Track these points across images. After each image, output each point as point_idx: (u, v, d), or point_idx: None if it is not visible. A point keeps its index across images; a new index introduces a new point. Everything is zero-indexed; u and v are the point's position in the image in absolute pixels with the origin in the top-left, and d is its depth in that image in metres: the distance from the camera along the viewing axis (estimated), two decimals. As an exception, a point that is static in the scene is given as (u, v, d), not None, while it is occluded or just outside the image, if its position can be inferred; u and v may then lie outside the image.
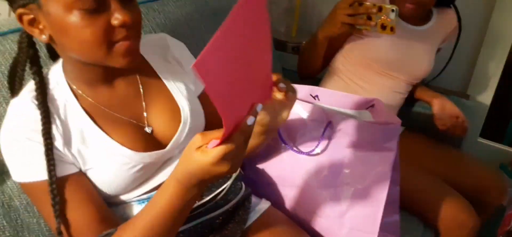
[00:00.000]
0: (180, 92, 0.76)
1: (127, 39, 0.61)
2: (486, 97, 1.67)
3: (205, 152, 0.50)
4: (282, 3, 1.91)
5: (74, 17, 0.56)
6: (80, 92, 0.67)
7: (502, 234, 1.37)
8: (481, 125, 1.73)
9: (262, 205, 0.86)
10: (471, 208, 1.04)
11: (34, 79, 0.64)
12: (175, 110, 0.75)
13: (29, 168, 0.62)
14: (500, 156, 1.71)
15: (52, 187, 0.60)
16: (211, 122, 0.81)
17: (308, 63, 1.21)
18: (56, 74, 0.67)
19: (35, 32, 0.61)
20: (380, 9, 0.97)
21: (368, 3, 0.97)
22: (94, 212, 0.65)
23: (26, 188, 0.65)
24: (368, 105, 0.92)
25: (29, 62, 0.66)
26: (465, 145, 1.47)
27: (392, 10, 0.97)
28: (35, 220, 0.76)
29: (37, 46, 0.67)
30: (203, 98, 0.82)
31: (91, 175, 0.66)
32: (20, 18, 0.60)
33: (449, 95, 1.30)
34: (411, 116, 1.32)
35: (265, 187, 0.94)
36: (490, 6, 1.55)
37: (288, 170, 0.89)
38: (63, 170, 0.63)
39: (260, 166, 0.93)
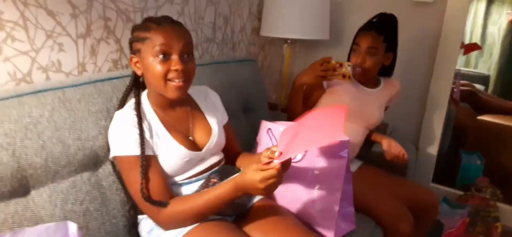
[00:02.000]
0: (212, 119, 1.23)
1: (178, 80, 1.06)
2: (433, 148, 2.14)
3: (257, 171, 0.94)
4: (274, 77, 2.47)
5: (154, 61, 1.04)
6: (155, 109, 1.13)
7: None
8: (432, 171, 2.17)
9: (260, 195, 1.28)
10: (408, 211, 1.44)
11: (134, 97, 1.10)
12: (208, 129, 1.20)
13: (129, 146, 1.04)
14: (451, 196, 2.12)
15: (142, 160, 1.03)
16: (227, 143, 1.27)
17: (292, 110, 1.67)
18: (144, 97, 1.14)
19: (136, 69, 1.09)
20: (341, 65, 1.47)
21: (333, 62, 1.47)
22: (164, 183, 1.06)
23: (121, 160, 1.05)
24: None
25: (135, 87, 1.13)
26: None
27: (349, 65, 1.46)
28: (115, 196, 1.17)
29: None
30: (225, 127, 1.29)
31: (160, 159, 1.09)
32: (131, 60, 1.09)
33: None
34: (369, 154, 1.76)
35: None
36: (429, 76, 2.08)
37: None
38: (148, 151, 1.05)
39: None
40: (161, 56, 1.02)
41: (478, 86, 2.94)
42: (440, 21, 1.99)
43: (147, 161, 1.04)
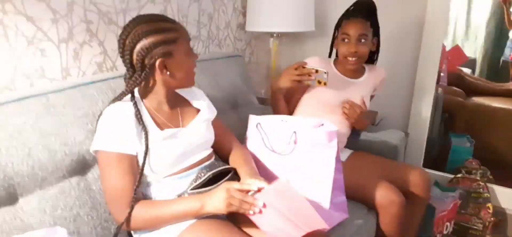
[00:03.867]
0: (202, 112, 1.23)
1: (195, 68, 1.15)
2: (423, 134, 2.16)
3: (227, 189, 0.99)
4: (262, 71, 2.47)
5: (187, 57, 1.09)
6: (148, 109, 1.12)
7: (438, 233, 1.77)
8: (422, 156, 2.19)
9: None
10: (399, 191, 1.45)
11: (130, 94, 1.09)
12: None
13: (120, 143, 1.03)
14: (442, 180, 2.15)
15: (144, 161, 1.04)
16: (220, 138, 1.28)
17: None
18: (137, 98, 1.12)
19: (161, 71, 1.07)
20: (316, 71, 1.46)
21: (308, 67, 1.46)
22: (133, 184, 1.04)
23: (107, 155, 1.03)
24: (319, 124, 1.38)
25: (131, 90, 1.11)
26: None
27: (324, 72, 1.45)
28: (104, 199, 1.16)
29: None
30: (214, 123, 1.29)
31: (151, 157, 1.08)
32: (158, 63, 1.06)
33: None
34: (358, 143, 1.77)
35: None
36: (415, 62, 2.09)
37: (269, 167, 1.33)
38: (132, 151, 1.05)
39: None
40: (191, 50, 1.13)
41: (465, 70, 2.96)
42: (424, 7, 2.00)
43: (131, 160, 1.05)
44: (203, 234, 1.05)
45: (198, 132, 1.19)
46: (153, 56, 1.05)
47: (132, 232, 1.17)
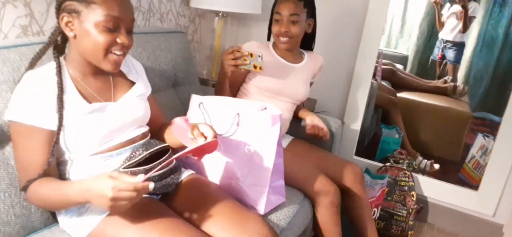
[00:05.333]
0: (137, 86, 1.15)
1: (120, 53, 1.00)
2: (357, 123, 2.25)
3: (112, 178, 0.84)
4: (205, 52, 2.40)
5: (98, 31, 0.95)
6: (74, 77, 1.02)
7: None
8: (355, 145, 2.29)
9: (189, 171, 1.24)
10: (333, 183, 1.50)
11: (55, 59, 0.99)
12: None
13: (37, 115, 0.93)
14: (373, 168, 2.26)
15: (57, 134, 0.94)
16: (152, 115, 1.21)
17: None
18: (63, 66, 1.02)
19: (66, 30, 0.97)
20: (251, 55, 1.43)
21: (242, 51, 1.43)
22: (44, 161, 0.97)
23: (22, 127, 0.94)
24: (262, 107, 1.37)
25: (55, 49, 1.01)
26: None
27: (258, 56, 1.44)
28: (25, 176, 1.05)
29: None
30: (149, 99, 1.21)
31: (76, 132, 0.99)
32: (61, 18, 0.96)
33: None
34: (299, 129, 1.80)
35: (192, 165, 1.32)
36: (355, 55, 2.16)
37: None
38: (50, 125, 0.96)
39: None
40: (109, 27, 0.96)
41: (398, 65, 3.13)
42: (366, 2, 2.06)
43: (48, 135, 0.97)
44: (128, 220, 0.98)
45: (130, 107, 1.11)
46: (62, 9, 0.97)
47: (56, 213, 1.08)
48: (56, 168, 1.03)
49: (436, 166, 2.58)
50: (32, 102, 0.95)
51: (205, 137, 1.03)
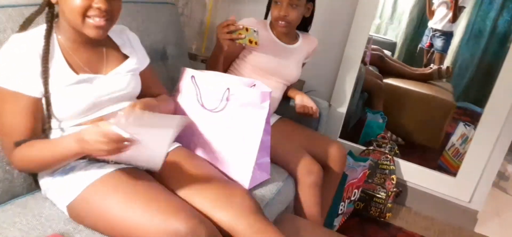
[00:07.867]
0: (131, 60, 1.14)
1: (99, 18, 0.96)
2: (343, 107, 2.27)
3: (97, 124, 0.86)
4: (195, 27, 2.38)
5: None
6: (64, 45, 1.00)
7: (347, 198, 1.90)
8: (340, 127, 2.32)
9: (176, 144, 1.25)
10: (317, 162, 1.53)
11: (46, 23, 0.97)
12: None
13: (21, 81, 0.92)
14: (356, 151, 2.30)
15: (47, 102, 0.94)
16: (151, 88, 1.22)
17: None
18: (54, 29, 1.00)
19: None
20: (246, 29, 1.41)
21: (237, 24, 1.40)
22: (34, 128, 0.97)
23: (3, 91, 0.92)
24: (251, 84, 1.37)
25: (50, 10, 0.98)
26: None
27: (254, 31, 1.42)
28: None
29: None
30: (146, 71, 1.21)
31: (61, 101, 0.98)
32: None
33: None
34: (286, 109, 1.81)
35: (179, 138, 1.33)
36: (345, 39, 2.17)
37: (197, 123, 1.30)
38: (36, 93, 0.95)
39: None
40: None
41: (386, 52, 3.16)
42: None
43: (32, 102, 0.95)
44: (113, 189, 0.98)
45: (118, 82, 1.10)
46: None
47: (38, 180, 1.08)
48: (40, 134, 1.02)
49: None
50: (16, 67, 0.93)
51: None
